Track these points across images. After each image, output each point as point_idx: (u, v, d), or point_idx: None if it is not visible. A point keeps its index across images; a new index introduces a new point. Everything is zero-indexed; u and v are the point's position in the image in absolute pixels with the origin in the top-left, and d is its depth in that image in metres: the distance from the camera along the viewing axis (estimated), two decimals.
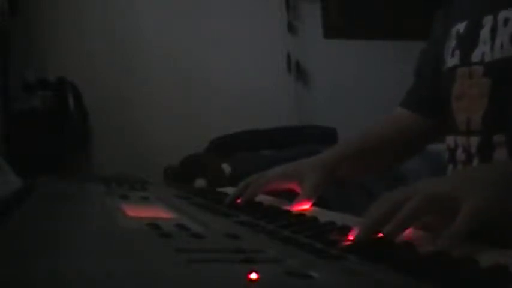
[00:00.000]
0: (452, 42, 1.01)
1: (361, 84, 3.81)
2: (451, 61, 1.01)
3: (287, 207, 0.93)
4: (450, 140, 1.01)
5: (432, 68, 1.11)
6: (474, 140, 0.94)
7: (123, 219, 0.73)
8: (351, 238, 0.62)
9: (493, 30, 0.92)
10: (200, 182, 2.38)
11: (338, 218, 0.77)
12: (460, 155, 0.98)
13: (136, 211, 0.80)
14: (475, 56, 0.94)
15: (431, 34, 1.15)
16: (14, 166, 1.11)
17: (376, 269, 0.50)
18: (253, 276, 0.43)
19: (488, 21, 0.93)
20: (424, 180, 0.70)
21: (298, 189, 1.02)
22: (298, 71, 3.85)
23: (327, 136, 3.22)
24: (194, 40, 3.68)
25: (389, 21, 3.86)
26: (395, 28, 3.85)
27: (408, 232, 0.65)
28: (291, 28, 3.83)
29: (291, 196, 1.01)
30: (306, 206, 0.96)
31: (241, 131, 3.29)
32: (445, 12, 1.10)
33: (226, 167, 2.62)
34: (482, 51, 0.93)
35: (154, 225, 0.65)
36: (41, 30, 3.51)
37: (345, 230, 0.66)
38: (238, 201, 0.99)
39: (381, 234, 0.63)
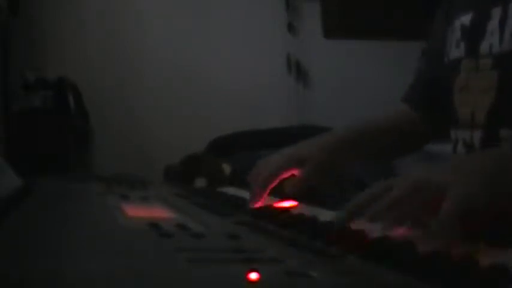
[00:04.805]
0: (456, 34, 1.00)
1: (361, 84, 3.81)
2: (454, 53, 1.00)
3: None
4: (452, 133, 1.01)
5: (432, 64, 1.10)
6: (478, 134, 0.93)
7: (123, 219, 0.73)
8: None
9: (502, 22, 0.90)
10: (200, 182, 2.38)
11: None
12: (460, 148, 0.98)
13: (137, 211, 0.80)
14: (483, 48, 0.93)
15: (431, 32, 1.14)
16: (14, 166, 1.11)
17: (376, 269, 0.50)
18: (253, 276, 0.43)
19: (496, 12, 0.92)
20: (415, 170, 0.70)
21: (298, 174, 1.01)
22: (298, 71, 3.85)
23: None
24: (194, 40, 3.68)
25: (389, 21, 3.86)
26: (395, 28, 3.85)
27: (408, 232, 0.64)
28: (291, 28, 3.82)
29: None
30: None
31: (241, 131, 3.28)
32: (445, 8, 1.10)
33: (226, 167, 2.62)
34: (490, 42, 0.92)
35: (154, 224, 0.65)
36: (41, 30, 3.51)
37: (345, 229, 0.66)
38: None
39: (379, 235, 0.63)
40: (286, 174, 1.02)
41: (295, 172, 1.01)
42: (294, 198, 0.98)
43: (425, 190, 0.65)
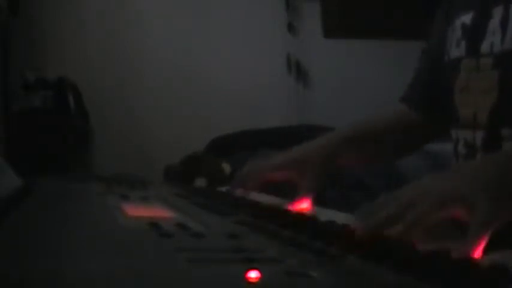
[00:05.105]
0: (457, 34, 1.00)
1: (361, 84, 3.81)
2: (455, 52, 1.00)
3: (287, 206, 0.93)
4: (453, 133, 1.01)
5: (432, 64, 1.10)
6: (480, 134, 0.93)
7: (123, 219, 0.73)
8: (355, 236, 0.62)
9: (504, 21, 0.90)
10: (200, 181, 2.38)
11: (338, 217, 0.77)
12: (461, 148, 0.98)
13: (137, 210, 0.80)
14: (484, 47, 0.93)
15: (431, 31, 1.14)
16: (14, 166, 1.11)
17: (376, 269, 0.50)
18: (253, 275, 0.43)
19: (498, 11, 0.91)
20: (427, 177, 0.70)
21: (297, 179, 1.02)
22: (298, 71, 3.85)
23: None
24: (194, 40, 3.68)
25: (389, 21, 3.86)
26: (395, 28, 3.85)
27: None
28: (291, 28, 3.83)
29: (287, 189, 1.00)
30: (305, 204, 0.97)
31: (241, 131, 3.28)
32: (445, 8, 1.10)
33: (226, 167, 2.62)
34: (491, 41, 0.92)
35: (154, 224, 0.65)
36: (41, 30, 3.51)
37: (345, 229, 0.65)
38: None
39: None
40: (282, 176, 1.02)
41: (293, 174, 1.02)
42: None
43: (451, 205, 0.64)
